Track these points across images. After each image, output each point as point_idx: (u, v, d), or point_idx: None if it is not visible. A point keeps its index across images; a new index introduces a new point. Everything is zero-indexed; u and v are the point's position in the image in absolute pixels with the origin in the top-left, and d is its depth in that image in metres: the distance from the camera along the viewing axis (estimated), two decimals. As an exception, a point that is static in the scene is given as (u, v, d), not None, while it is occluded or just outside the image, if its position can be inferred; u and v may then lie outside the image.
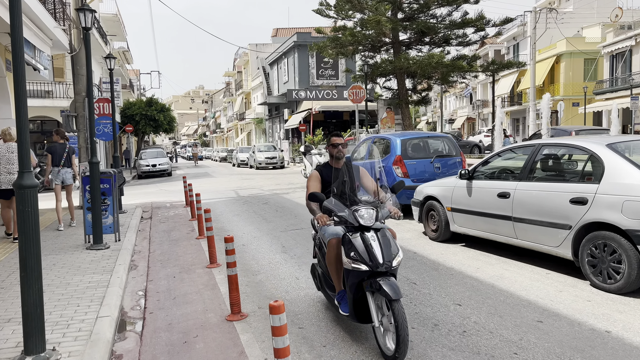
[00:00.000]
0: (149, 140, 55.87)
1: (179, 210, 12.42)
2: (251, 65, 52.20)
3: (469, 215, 6.47)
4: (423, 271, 5.84)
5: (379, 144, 10.14)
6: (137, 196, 16.11)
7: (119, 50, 41.92)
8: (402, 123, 17.01)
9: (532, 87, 34.65)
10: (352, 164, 4.38)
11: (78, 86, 13.32)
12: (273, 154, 29.49)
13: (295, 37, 34.49)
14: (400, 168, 9.01)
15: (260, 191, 15.63)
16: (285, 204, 12.13)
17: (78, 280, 5.83)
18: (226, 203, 13.10)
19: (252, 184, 18.78)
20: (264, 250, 7.36)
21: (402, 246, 7.08)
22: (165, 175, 26.84)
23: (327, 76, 35.23)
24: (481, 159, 7.33)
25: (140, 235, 9.34)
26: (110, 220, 7.96)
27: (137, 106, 34.45)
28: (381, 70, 15.96)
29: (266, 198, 13.64)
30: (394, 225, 8.72)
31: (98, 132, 13.28)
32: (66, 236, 8.56)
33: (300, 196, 13.58)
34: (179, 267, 6.81)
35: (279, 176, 22.20)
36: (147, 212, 12.45)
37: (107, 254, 7.21)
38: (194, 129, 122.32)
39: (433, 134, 10.52)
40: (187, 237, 8.88)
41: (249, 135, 56.93)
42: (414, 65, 14.73)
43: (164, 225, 10.23)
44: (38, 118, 23.18)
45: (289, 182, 18.55)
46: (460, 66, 14.71)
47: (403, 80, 16.59)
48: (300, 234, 8.44)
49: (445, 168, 9.18)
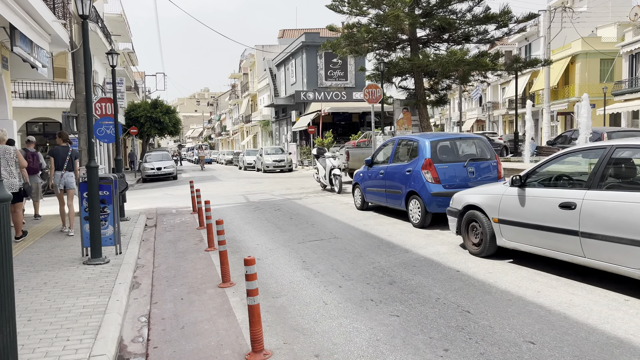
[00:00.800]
0: (154, 143, 55.25)
1: (186, 217, 11.61)
2: (257, 67, 51.50)
3: (521, 228, 5.61)
4: (474, 295, 4.98)
5: (404, 146, 9.29)
6: (142, 201, 15.32)
7: (123, 52, 41.32)
8: (419, 124, 16.15)
9: (546, 88, 33.83)
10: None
11: (79, 85, 12.57)
12: (281, 156, 28.68)
13: (303, 37, 33.72)
14: (431, 173, 8.15)
15: (270, 196, 14.80)
16: (300, 211, 11.30)
17: (71, 305, 5.00)
18: (236, 209, 12.28)
19: (261, 188, 17.96)
20: (282, 266, 6.52)
21: (439, 262, 6.23)
22: (171, 178, 26.09)
23: (336, 77, 34.43)
24: (508, 162, 6.45)
25: (144, 246, 8.52)
26: (111, 231, 7.15)
27: (142, 108, 33.77)
28: (398, 69, 15.12)
29: (278, 204, 12.81)
30: (424, 237, 7.87)
31: (100, 134, 12.52)
32: (62, 248, 7.75)
33: (315, 202, 12.74)
34: (187, 285, 5.98)
35: (288, 180, 21.37)
36: (152, 219, 11.65)
37: (106, 269, 6.39)
38: (199, 132, 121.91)
39: (465, 135, 9.67)
40: (195, 248, 8.05)
41: (255, 137, 56.19)
42: (434, 63, 13.88)
43: (169, 235, 9.41)
44: (40, 120, 22.49)
45: (300, 186, 17.71)
46: (484, 64, 13.85)
47: (421, 79, 15.73)
48: (320, 246, 7.59)
49: (479, 172, 8.32)
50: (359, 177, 10.74)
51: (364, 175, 10.46)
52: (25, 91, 20.53)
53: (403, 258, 6.57)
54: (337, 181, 14.11)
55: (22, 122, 21.10)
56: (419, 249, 7.01)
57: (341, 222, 9.56)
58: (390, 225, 8.92)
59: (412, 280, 5.58)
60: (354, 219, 9.82)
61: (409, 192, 8.60)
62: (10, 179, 7.77)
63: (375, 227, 8.82)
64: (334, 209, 11.35)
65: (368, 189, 10.24)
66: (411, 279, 5.63)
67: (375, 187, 9.84)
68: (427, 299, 4.91)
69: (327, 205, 11.93)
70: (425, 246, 7.17)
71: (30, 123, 23.20)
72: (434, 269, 5.96)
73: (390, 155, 9.42)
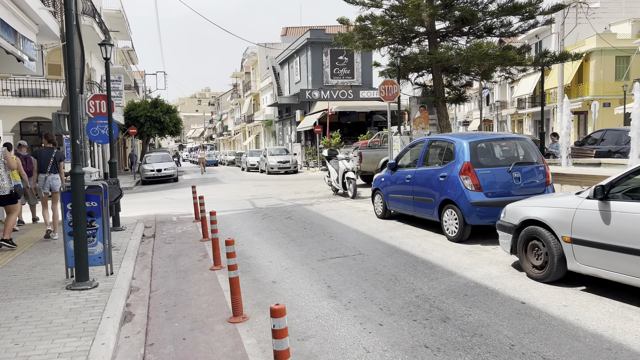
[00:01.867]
0: (154, 144, 54.17)
1: (188, 226, 10.53)
2: (260, 66, 50.43)
3: (604, 251, 4.53)
4: (557, 341, 3.89)
5: (436, 148, 8.20)
6: (140, 206, 14.25)
7: (123, 49, 40.30)
8: (437, 123, 15.07)
9: (560, 86, 32.67)
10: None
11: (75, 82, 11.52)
12: (286, 157, 27.60)
13: (308, 34, 32.64)
14: (470, 179, 7.06)
15: (279, 201, 13.72)
16: (313, 219, 10.22)
17: (43, 351, 3.94)
18: (242, 217, 11.19)
19: (267, 192, 16.88)
20: (304, 293, 5.44)
21: (496, 289, 5.13)
22: (171, 180, 25.01)
23: (342, 75, 33.34)
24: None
25: (141, 262, 7.45)
26: (100, 248, 6.07)
27: (142, 107, 32.75)
28: (416, 64, 14.04)
29: (288, 211, 11.73)
30: (465, 254, 6.78)
31: (94, 134, 11.43)
32: (44, 267, 6.68)
33: (329, 208, 11.65)
34: (190, 318, 4.90)
35: (295, 183, 20.29)
36: (150, 227, 10.58)
37: (93, 297, 5.32)
38: (200, 132, 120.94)
39: (506, 135, 8.56)
40: (199, 266, 6.97)
41: (257, 138, 55.12)
42: (457, 57, 12.79)
43: (169, 248, 8.33)
44: (34, 119, 21.43)
45: (309, 190, 16.63)
46: (511, 57, 12.76)
47: (440, 75, 14.64)
48: (344, 264, 6.51)
49: (526, 178, 7.23)
50: (380, 182, 9.66)
51: (386, 180, 9.38)
52: (18, 89, 19.47)
53: (448, 283, 5.48)
54: (351, 185, 13.03)
55: (15, 122, 20.04)
56: (464, 271, 5.92)
57: (363, 233, 8.48)
58: (421, 238, 7.83)
59: (469, 316, 4.50)
60: (377, 229, 8.74)
61: (443, 201, 7.52)
62: (1, 182, 7.49)
63: (404, 240, 7.73)
64: (351, 217, 10.26)
65: (391, 195, 9.16)
66: (468, 313, 4.55)
67: (401, 194, 8.76)
68: (498, 347, 3.83)
69: (343, 213, 10.85)
70: (470, 267, 6.09)
71: (25, 123, 22.16)
72: (493, 300, 4.87)
73: (419, 157, 8.33)
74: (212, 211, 7.17)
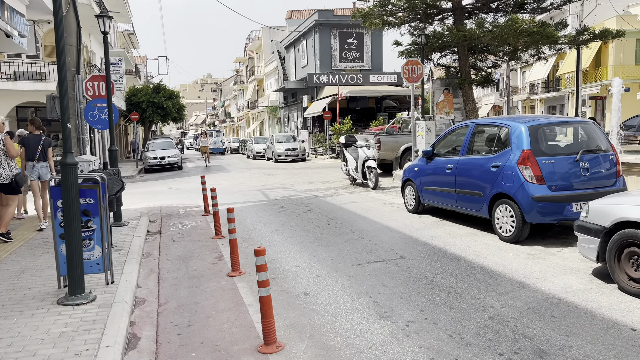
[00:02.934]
0: (156, 130, 52.99)
1: (197, 220, 9.54)
2: (264, 50, 49.09)
3: None
4: None
5: (484, 133, 7.16)
6: (143, 197, 13.27)
7: (124, 33, 39.09)
8: (462, 107, 13.98)
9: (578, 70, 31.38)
10: None
11: (67, 59, 10.49)
12: (293, 145, 26.53)
13: (316, 15, 31.33)
14: (531, 169, 6.03)
15: (293, 192, 12.70)
16: (337, 213, 9.21)
17: (20, 403, 2.96)
18: (256, 210, 10.19)
19: (278, 181, 15.86)
20: (347, 312, 4.44)
21: (589, 309, 4.04)
22: (175, 169, 24.00)
23: (351, 58, 32.09)
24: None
25: (146, 265, 6.47)
26: (98, 253, 5.08)
27: (144, 92, 31.62)
28: (441, 43, 12.91)
29: (305, 203, 10.72)
30: (529, 259, 5.76)
31: (92, 119, 10.41)
32: (34, 272, 5.70)
33: (350, 200, 10.63)
34: (210, 345, 3.93)
35: (306, 171, 19.26)
36: (155, 222, 9.61)
37: (89, 315, 4.35)
38: (202, 119, 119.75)
39: (569, 119, 7.49)
40: (214, 271, 5.99)
41: (261, 124, 53.98)
42: (490, 34, 11.65)
43: (178, 247, 7.35)
44: (31, 104, 20.35)
45: (323, 179, 15.61)
46: (550, 34, 11.60)
47: (466, 55, 13.51)
48: (387, 272, 5.51)
49: (593, 168, 6.18)
50: (412, 172, 8.62)
51: (420, 170, 8.35)
52: (13, 72, 18.39)
53: (524, 299, 4.48)
54: (372, 175, 12.00)
55: (10, 107, 19.00)
56: (537, 282, 4.91)
57: (397, 231, 7.47)
58: (468, 238, 6.82)
59: (570, 349, 3.50)
60: (412, 226, 7.72)
61: (495, 195, 6.49)
62: (1, 169, 7.08)
63: (448, 240, 6.72)
64: (378, 211, 9.25)
65: (426, 187, 8.13)
66: (567, 345, 3.55)
67: (439, 186, 7.73)
68: (633, 400, 2.83)
69: (368, 206, 9.84)
70: (542, 276, 5.08)
71: (22, 108, 21.11)
72: (591, 324, 3.87)
73: (463, 144, 7.28)
74: (229, 207, 6.14)
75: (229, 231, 5.87)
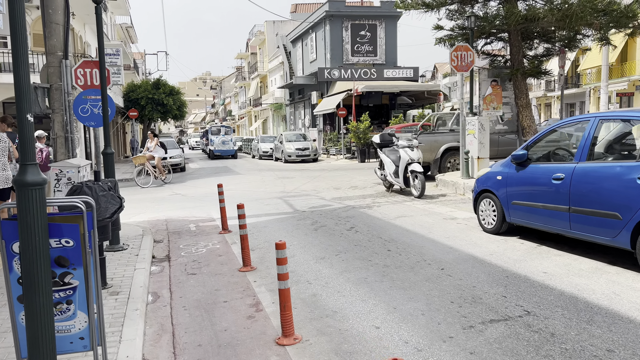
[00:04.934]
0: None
1: (213, 239, 7.63)
2: (268, 45, 47.12)
3: None
4: None
5: (617, 131, 5.27)
6: (144, 205, 11.37)
7: (121, 26, 37.15)
8: (513, 102, 12.11)
9: (604, 65, 29.52)
10: None
11: (51, 41, 8.61)
12: (305, 144, 24.63)
13: (327, 6, 29.39)
14: None
15: (322, 201, 10.80)
16: (390, 232, 7.32)
17: None
18: (285, 226, 8.30)
19: (298, 186, 13.96)
20: None
21: None
22: (178, 170, 22.05)
23: (364, 52, 30.17)
24: None
25: (154, 319, 4.57)
26: (81, 323, 3.19)
27: (143, 88, 29.70)
28: (493, 26, 11.03)
29: (343, 216, 8.82)
30: None
31: (83, 114, 8.53)
32: (-14, 343, 3.79)
33: (399, 214, 8.73)
34: None
35: (325, 174, 17.36)
36: (162, 241, 7.72)
37: None
38: (201, 117, 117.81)
39: None
40: (254, 333, 4.09)
41: (264, 122, 52.04)
42: (558, 13, 9.76)
43: (196, 285, 5.45)
44: (19, 100, 18.38)
45: (350, 184, 13.71)
46: (632, 12, 9.73)
47: (519, 42, 11.62)
48: (519, 338, 3.64)
49: None
50: (492, 181, 6.73)
51: (506, 178, 6.46)
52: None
53: None
54: (418, 181, 10.11)
55: (-5, 102, 17.07)
56: None
57: (489, 263, 5.58)
58: (601, 277, 4.92)
59: None
60: (505, 255, 5.84)
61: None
62: (4, 172, 6.50)
63: (575, 281, 4.83)
64: (443, 229, 7.36)
65: (517, 202, 6.24)
66: None
67: (540, 201, 5.85)
68: None
69: (425, 222, 7.95)
70: None
71: (9, 104, 19.15)
72: None
73: (581, 147, 5.38)
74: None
75: (280, 278, 3.96)
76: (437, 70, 77.39)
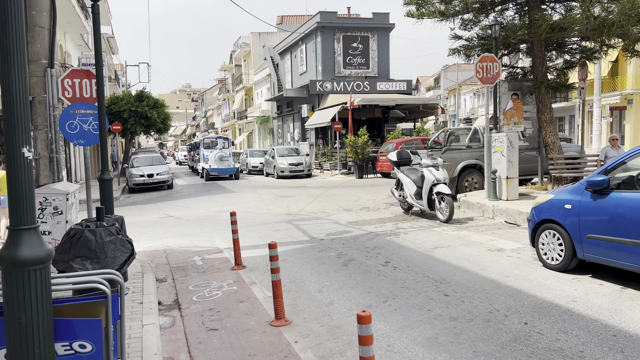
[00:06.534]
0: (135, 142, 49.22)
1: (227, 278, 6.51)
2: (254, 57, 46.16)
3: None
4: None
5: None
6: (135, 230, 10.10)
7: (103, 35, 35.71)
8: (534, 116, 11.34)
9: (597, 79, 29.36)
10: None
11: (34, 47, 7.54)
12: (298, 159, 23.63)
13: (318, 17, 28.63)
14: None
15: (336, 225, 9.77)
16: (435, 268, 6.33)
17: None
18: (308, 259, 7.22)
19: (302, 206, 12.89)
20: None
21: None
22: (165, 187, 20.76)
23: (356, 65, 29.43)
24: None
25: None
26: None
27: (125, 101, 28.33)
28: (516, 36, 10.27)
29: (370, 246, 7.80)
30: None
31: (71, 130, 7.37)
32: None
33: (435, 244, 7.73)
34: None
35: (328, 192, 16.33)
36: (165, 280, 6.58)
37: None
38: (182, 129, 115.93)
39: None
40: None
41: (249, 136, 50.88)
42: (595, 20, 9.02)
43: (221, 348, 4.35)
44: None
45: (358, 203, 12.71)
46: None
47: (543, 53, 10.89)
48: None
49: None
50: (560, 210, 5.81)
51: (576, 207, 5.55)
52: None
53: None
54: (445, 204, 9.17)
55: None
56: None
57: (585, 316, 4.62)
58: None
59: None
60: (593, 302, 4.89)
61: None
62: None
63: None
64: (495, 265, 6.40)
65: (594, 236, 5.33)
66: None
67: (630, 237, 4.93)
68: None
69: (469, 254, 6.98)
70: None
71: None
72: None
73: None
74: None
75: (360, 350, 2.91)
76: (419, 83, 77.56)
